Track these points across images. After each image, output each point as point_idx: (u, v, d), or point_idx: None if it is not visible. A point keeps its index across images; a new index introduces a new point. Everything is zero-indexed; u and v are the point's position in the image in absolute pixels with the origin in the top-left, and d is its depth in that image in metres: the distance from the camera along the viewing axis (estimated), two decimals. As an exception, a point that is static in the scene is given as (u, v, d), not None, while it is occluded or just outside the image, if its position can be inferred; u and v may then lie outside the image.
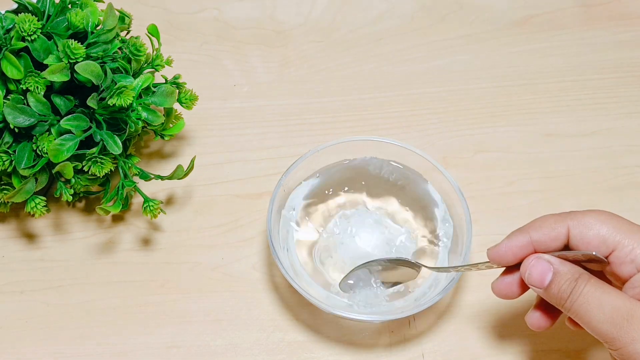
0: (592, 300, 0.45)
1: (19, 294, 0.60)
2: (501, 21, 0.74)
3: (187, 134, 0.67)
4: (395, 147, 0.60)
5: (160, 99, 0.59)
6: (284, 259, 0.56)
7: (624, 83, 0.71)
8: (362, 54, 0.73)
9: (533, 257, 0.49)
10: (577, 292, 0.46)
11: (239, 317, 0.60)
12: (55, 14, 0.56)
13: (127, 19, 0.61)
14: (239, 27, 0.74)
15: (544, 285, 0.48)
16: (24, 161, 0.55)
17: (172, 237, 0.63)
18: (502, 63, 0.72)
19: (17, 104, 0.53)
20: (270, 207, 0.57)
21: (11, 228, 0.63)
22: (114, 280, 0.61)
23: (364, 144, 0.60)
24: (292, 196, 0.60)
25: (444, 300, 0.60)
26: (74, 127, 0.54)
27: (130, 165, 0.58)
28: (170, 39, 0.72)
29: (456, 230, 0.58)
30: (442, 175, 0.59)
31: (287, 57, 0.72)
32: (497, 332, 0.59)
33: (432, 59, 0.73)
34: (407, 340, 0.59)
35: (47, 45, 0.54)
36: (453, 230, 0.58)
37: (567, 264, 0.48)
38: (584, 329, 0.47)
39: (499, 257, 0.50)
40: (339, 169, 0.61)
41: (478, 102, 0.70)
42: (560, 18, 0.75)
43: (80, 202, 0.64)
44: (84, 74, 0.53)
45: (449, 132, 0.67)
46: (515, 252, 0.49)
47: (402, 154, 0.60)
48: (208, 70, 0.71)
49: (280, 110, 0.69)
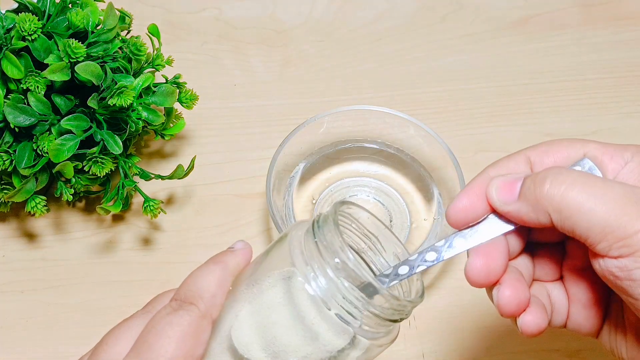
0: (585, 182, 0.36)
1: (19, 294, 0.60)
2: (501, 21, 0.74)
3: (187, 133, 0.67)
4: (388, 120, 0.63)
5: (160, 99, 0.59)
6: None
7: (624, 83, 0.71)
8: (363, 54, 0.73)
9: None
10: (563, 177, 0.36)
11: (239, 317, 0.60)
12: (55, 13, 0.56)
13: (128, 18, 0.60)
14: (240, 27, 0.74)
15: (515, 192, 0.38)
16: (25, 161, 0.55)
17: (172, 236, 0.63)
18: (502, 63, 0.72)
19: (17, 104, 0.53)
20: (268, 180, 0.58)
21: (11, 228, 0.63)
22: (114, 279, 0.61)
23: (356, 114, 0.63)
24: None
25: (444, 300, 0.60)
26: (74, 126, 0.54)
27: (130, 165, 0.58)
28: (170, 39, 0.72)
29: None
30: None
31: (288, 57, 0.72)
32: (498, 332, 0.59)
33: (432, 59, 0.73)
34: (407, 340, 0.59)
35: (48, 44, 0.54)
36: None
37: None
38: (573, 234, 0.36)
39: (455, 211, 0.39)
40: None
41: (478, 102, 0.70)
42: (561, 18, 0.75)
43: (81, 202, 0.64)
44: (84, 74, 0.53)
45: (449, 132, 0.67)
46: (477, 197, 0.39)
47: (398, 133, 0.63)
48: (208, 70, 0.71)
49: (280, 110, 0.69)
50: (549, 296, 0.41)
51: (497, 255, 0.39)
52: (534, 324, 0.39)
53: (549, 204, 0.36)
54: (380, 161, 0.64)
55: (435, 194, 0.62)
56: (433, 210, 0.62)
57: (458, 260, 0.62)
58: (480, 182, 0.39)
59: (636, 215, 0.34)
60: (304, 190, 0.63)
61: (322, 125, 0.62)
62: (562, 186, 0.36)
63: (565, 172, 0.36)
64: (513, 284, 0.39)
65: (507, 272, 0.40)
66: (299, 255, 0.38)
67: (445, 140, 0.61)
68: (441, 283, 0.61)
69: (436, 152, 0.61)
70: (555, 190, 0.36)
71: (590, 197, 0.35)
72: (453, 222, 0.40)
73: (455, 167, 0.59)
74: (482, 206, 0.39)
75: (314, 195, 0.63)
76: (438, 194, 0.62)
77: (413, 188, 0.63)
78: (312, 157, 0.64)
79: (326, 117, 0.62)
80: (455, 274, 0.61)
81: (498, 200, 0.38)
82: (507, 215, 0.39)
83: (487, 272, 0.39)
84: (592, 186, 0.35)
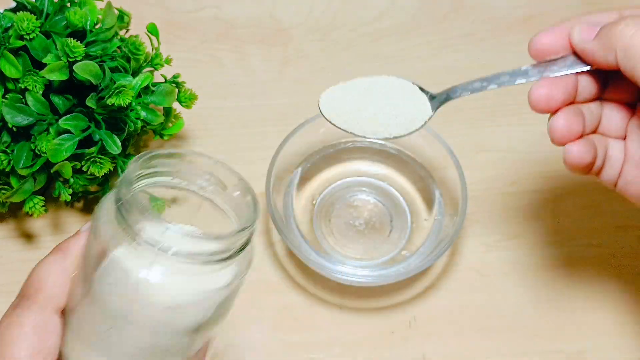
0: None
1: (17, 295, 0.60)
2: (502, 20, 0.74)
3: (186, 133, 0.67)
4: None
5: (159, 98, 0.58)
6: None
7: (625, 82, 0.71)
8: (363, 53, 0.72)
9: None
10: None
11: (238, 318, 0.59)
12: (53, 12, 0.56)
13: (126, 17, 0.60)
14: (239, 26, 0.74)
15: (594, 33, 0.43)
16: (23, 161, 0.54)
17: (171, 237, 0.62)
18: (503, 62, 0.72)
19: (15, 103, 0.53)
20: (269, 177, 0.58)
21: (9, 228, 0.63)
22: (113, 280, 0.60)
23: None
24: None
25: (445, 301, 0.60)
26: (72, 126, 0.53)
27: (129, 164, 0.58)
28: (169, 38, 0.72)
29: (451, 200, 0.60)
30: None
31: (287, 56, 0.72)
32: (498, 334, 0.59)
33: (432, 59, 0.72)
34: (408, 341, 0.58)
35: (46, 44, 0.54)
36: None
37: None
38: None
39: (539, 42, 0.45)
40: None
41: (478, 101, 0.70)
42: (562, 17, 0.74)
43: (79, 202, 0.64)
44: (83, 74, 0.53)
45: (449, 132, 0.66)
46: (562, 36, 0.45)
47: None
48: (207, 69, 0.71)
49: (280, 110, 0.69)
50: (605, 148, 0.46)
51: (563, 87, 0.44)
52: (578, 154, 0.44)
53: (618, 41, 0.41)
54: (380, 161, 0.64)
55: (436, 194, 0.62)
56: (434, 210, 0.62)
57: (458, 260, 0.62)
58: (568, 24, 0.44)
59: None
60: (304, 190, 0.63)
61: (322, 125, 0.62)
62: (634, 29, 0.40)
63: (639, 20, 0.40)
64: (568, 116, 0.44)
65: (568, 107, 0.44)
66: (111, 221, 0.37)
67: (446, 141, 0.60)
68: (441, 283, 0.61)
69: (437, 152, 0.60)
70: (626, 31, 0.40)
71: None
72: (534, 51, 0.45)
73: (456, 167, 0.59)
74: (563, 44, 0.44)
75: (314, 195, 0.63)
76: (439, 194, 0.62)
77: (414, 188, 0.63)
78: (312, 157, 0.63)
79: None
80: (456, 274, 0.61)
81: (578, 37, 0.43)
82: (582, 54, 0.44)
83: (548, 98, 0.44)
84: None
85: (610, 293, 0.59)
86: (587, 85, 0.45)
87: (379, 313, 0.60)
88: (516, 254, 0.62)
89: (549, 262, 0.62)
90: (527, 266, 0.61)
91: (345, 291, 0.60)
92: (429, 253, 0.58)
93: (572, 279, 0.61)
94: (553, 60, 0.45)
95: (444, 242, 0.57)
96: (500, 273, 0.61)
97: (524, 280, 0.61)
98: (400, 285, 0.60)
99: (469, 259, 0.62)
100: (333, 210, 0.62)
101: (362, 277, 0.58)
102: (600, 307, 0.60)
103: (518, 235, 0.62)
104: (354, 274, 0.59)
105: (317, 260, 0.59)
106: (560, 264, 0.61)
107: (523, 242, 0.62)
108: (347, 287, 0.60)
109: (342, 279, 0.58)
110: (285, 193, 0.62)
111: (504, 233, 0.63)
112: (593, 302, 0.60)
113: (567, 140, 0.44)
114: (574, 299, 0.60)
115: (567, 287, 0.61)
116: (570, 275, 0.61)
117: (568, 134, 0.44)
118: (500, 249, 0.62)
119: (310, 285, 0.61)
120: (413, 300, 0.60)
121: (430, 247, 0.59)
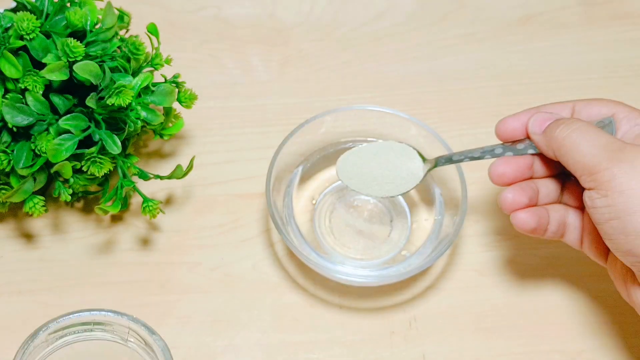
0: (586, 131, 0.48)
1: (17, 294, 0.60)
2: (502, 20, 0.74)
3: (186, 133, 0.67)
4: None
5: (159, 98, 0.58)
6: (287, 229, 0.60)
7: (625, 83, 0.71)
8: (363, 53, 0.72)
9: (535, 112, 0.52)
10: (573, 126, 0.49)
11: (238, 318, 0.59)
12: (53, 12, 0.56)
13: (126, 17, 0.60)
14: (239, 26, 0.73)
15: (543, 127, 0.51)
16: (23, 161, 0.54)
17: (171, 237, 0.62)
18: (502, 62, 0.72)
19: (15, 103, 0.53)
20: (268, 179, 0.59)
21: (9, 228, 0.63)
22: (113, 280, 0.60)
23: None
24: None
25: (445, 301, 0.60)
26: (72, 126, 0.53)
27: (129, 165, 0.58)
28: (169, 38, 0.72)
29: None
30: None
31: (287, 56, 0.72)
32: (499, 334, 0.59)
33: (432, 58, 0.72)
34: (408, 341, 0.58)
35: (46, 43, 0.54)
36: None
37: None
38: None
39: (504, 126, 0.53)
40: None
41: (479, 101, 0.70)
42: (562, 17, 0.74)
43: (79, 202, 0.64)
44: (83, 74, 0.52)
45: (449, 132, 0.67)
46: (524, 123, 0.52)
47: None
48: (208, 69, 0.71)
49: (280, 109, 0.69)
50: (564, 216, 0.53)
51: (517, 166, 0.52)
52: (521, 220, 0.52)
53: (555, 142, 0.49)
54: None
55: (436, 194, 0.62)
56: (434, 210, 0.62)
57: (458, 260, 0.62)
58: (530, 113, 0.52)
59: (607, 158, 0.46)
60: (304, 190, 0.63)
61: (322, 125, 0.62)
62: (568, 131, 0.49)
63: (576, 123, 0.49)
64: (516, 191, 0.52)
65: (521, 183, 0.52)
66: None
67: (446, 140, 0.61)
68: (441, 284, 0.61)
69: (437, 151, 0.60)
70: (562, 133, 0.49)
71: (582, 140, 0.48)
72: (500, 133, 0.53)
73: (456, 166, 0.59)
74: (524, 130, 0.52)
75: (314, 196, 0.63)
76: (439, 194, 0.62)
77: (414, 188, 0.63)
78: (312, 157, 0.63)
79: (326, 117, 0.61)
80: (456, 274, 0.61)
81: (531, 129, 0.52)
82: (533, 142, 0.52)
83: (502, 174, 0.52)
84: (587, 134, 0.48)
85: (610, 293, 0.59)
86: (540, 164, 0.53)
87: (379, 313, 0.60)
88: (516, 254, 0.62)
89: (549, 262, 0.62)
90: (526, 266, 0.61)
91: (345, 291, 0.60)
92: (429, 253, 0.58)
93: (572, 278, 0.61)
94: (514, 142, 0.53)
95: (444, 242, 0.57)
96: (500, 273, 0.61)
97: (523, 280, 0.61)
98: (400, 285, 0.60)
99: (468, 259, 0.62)
100: (333, 210, 0.62)
101: (362, 277, 0.58)
102: (600, 307, 0.60)
103: (518, 235, 0.62)
104: (354, 274, 0.59)
105: (317, 260, 0.59)
106: (560, 264, 0.61)
107: (523, 242, 0.62)
108: (347, 287, 0.60)
109: (342, 279, 0.58)
110: (285, 193, 0.62)
111: (504, 233, 0.63)
112: (593, 302, 0.60)
113: (513, 210, 0.52)
114: (574, 299, 0.60)
115: (567, 287, 0.61)
116: (570, 275, 0.61)
117: (512, 205, 0.52)
118: (500, 249, 0.62)
119: (310, 285, 0.61)
120: (413, 300, 0.60)
121: (430, 247, 0.59)
